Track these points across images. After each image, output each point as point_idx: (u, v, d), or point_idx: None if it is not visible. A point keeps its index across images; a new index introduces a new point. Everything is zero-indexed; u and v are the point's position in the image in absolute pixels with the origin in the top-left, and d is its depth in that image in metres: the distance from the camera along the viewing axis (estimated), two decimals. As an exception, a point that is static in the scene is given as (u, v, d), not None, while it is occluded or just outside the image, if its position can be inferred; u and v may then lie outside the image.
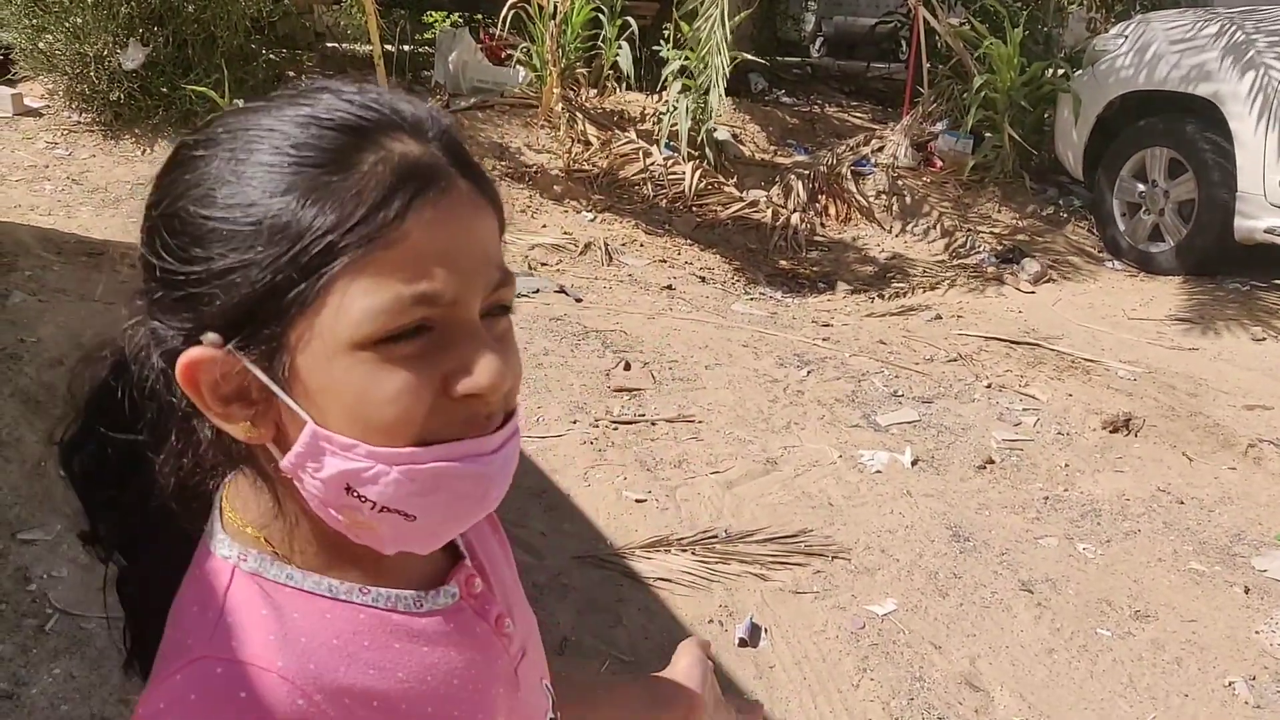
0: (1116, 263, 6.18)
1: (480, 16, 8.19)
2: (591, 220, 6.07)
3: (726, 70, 6.30)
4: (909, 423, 4.04)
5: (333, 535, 0.73)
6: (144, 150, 6.35)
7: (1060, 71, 7.04)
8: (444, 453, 0.69)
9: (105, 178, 6.01)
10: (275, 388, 0.68)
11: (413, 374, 0.67)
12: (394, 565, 0.76)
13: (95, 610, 2.54)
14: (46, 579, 2.64)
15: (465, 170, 0.71)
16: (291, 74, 7.10)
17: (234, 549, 0.73)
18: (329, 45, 7.88)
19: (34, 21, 6.31)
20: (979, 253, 6.26)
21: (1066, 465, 3.82)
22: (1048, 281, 5.88)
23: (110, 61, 6.29)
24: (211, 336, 0.67)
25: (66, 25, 6.27)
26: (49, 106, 6.59)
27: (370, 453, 0.68)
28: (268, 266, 0.65)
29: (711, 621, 2.84)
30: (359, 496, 0.69)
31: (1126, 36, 6.33)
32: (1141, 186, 6.15)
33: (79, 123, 6.49)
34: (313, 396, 0.68)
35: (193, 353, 0.67)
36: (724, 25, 6.25)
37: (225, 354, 0.68)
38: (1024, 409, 4.24)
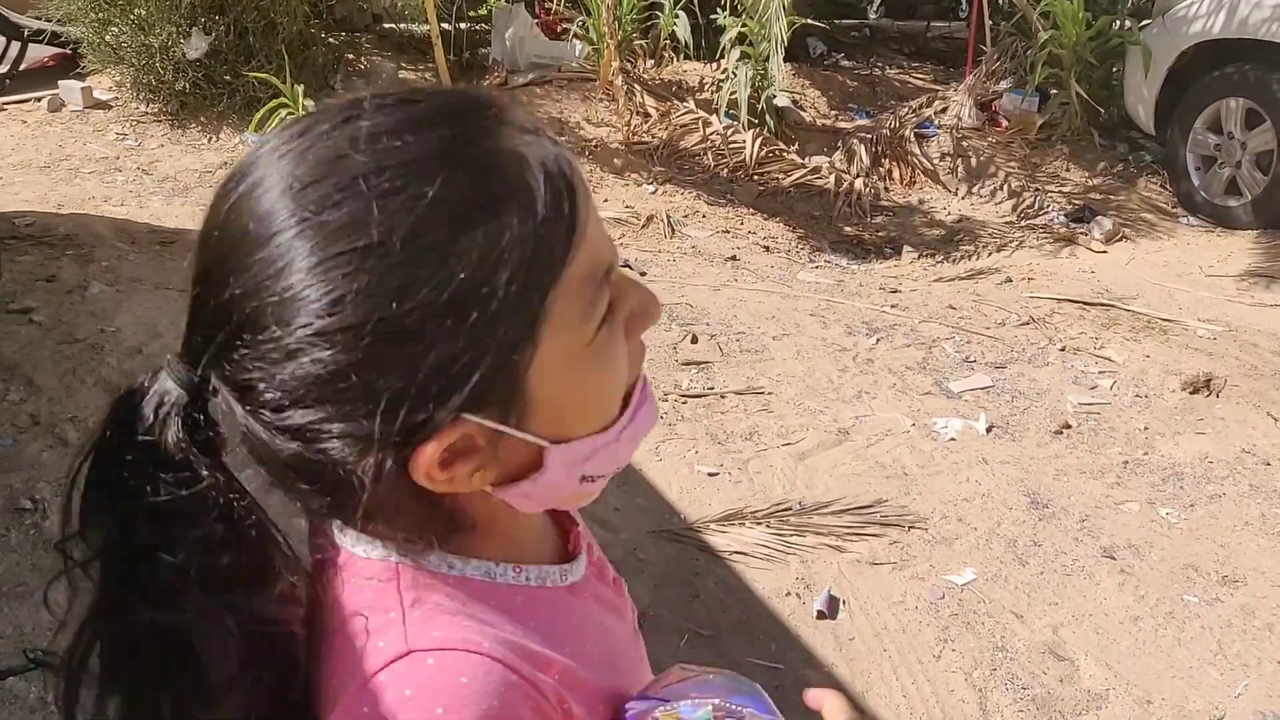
0: (1192, 219, 6.02)
1: (536, -9, 8.16)
2: (653, 193, 6.04)
3: (786, 37, 6.22)
4: (982, 389, 3.99)
5: (482, 524, 0.73)
6: (210, 139, 6.44)
7: (1128, 24, 6.85)
8: (637, 400, 0.75)
9: (174, 167, 6.10)
10: (517, 433, 0.68)
11: (616, 336, 0.72)
12: (534, 546, 0.79)
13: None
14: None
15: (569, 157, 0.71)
16: (350, 56, 7.13)
17: (389, 549, 0.71)
18: (386, 26, 7.90)
19: (100, 15, 6.41)
20: (1048, 213, 6.13)
21: (1146, 428, 3.75)
22: (1120, 240, 5.75)
23: (174, 51, 6.37)
24: (449, 418, 0.64)
25: (131, 17, 6.36)
26: (117, 98, 6.70)
27: (604, 436, 0.72)
28: (496, 344, 0.64)
29: (789, 594, 2.84)
30: (593, 479, 0.74)
31: (1198, -15, 6.14)
32: (1216, 139, 5.98)
33: (146, 113, 6.59)
34: (551, 413, 0.69)
35: (433, 446, 0.65)
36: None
37: (473, 424, 0.66)
38: (1100, 372, 4.16)
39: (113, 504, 0.66)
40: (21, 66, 7.28)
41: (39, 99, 6.73)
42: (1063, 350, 4.34)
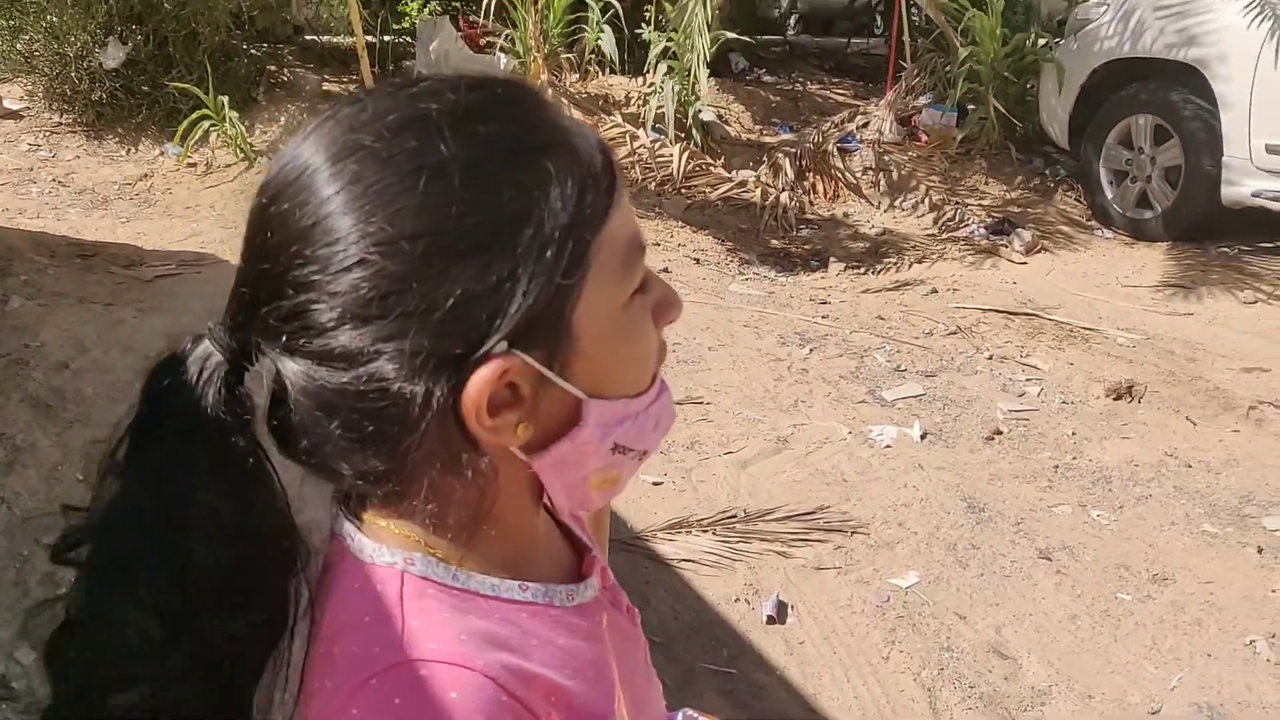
0: (1106, 231, 6.22)
1: (458, 4, 8.14)
2: (583, 205, 6.06)
3: (708, 52, 6.30)
4: (914, 397, 4.07)
5: (495, 536, 0.74)
6: (128, 150, 6.31)
7: (1042, 42, 7.06)
8: (660, 386, 0.78)
9: (91, 178, 5.97)
10: (560, 380, 0.69)
11: (646, 315, 0.75)
12: (543, 564, 0.79)
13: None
14: (71, 583, 2.63)
15: None
16: (273, 68, 7.05)
17: (397, 555, 0.71)
18: (309, 38, 7.82)
19: (10, 22, 6.26)
20: (969, 225, 6.28)
21: (1074, 433, 3.86)
22: (1040, 252, 5.91)
23: (90, 61, 6.25)
24: (502, 347, 0.66)
25: (44, 25, 6.22)
26: (29, 109, 6.54)
27: (636, 403, 0.74)
28: (546, 269, 0.66)
29: (738, 600, 2.87)
30: (624, 450, 0.74)
31: (1109, 5, 6.35)
32: (1128, 154, 6.18)
33: (61, 124, 6.44)
34: (591, 370, 0.70)
35: (486, 370, 0.65)
36: (705, 7, 6.24)
37: (520, 362, 0.67)
38: (1027, 379, 4.28)
39: (152, 470, 0.67)
40: (-73, 76, 7.06)
41: (-55, 110, 6.54)
42: (990, 359, 4.45)
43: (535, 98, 0.71)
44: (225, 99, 5.92)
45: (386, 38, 7.69)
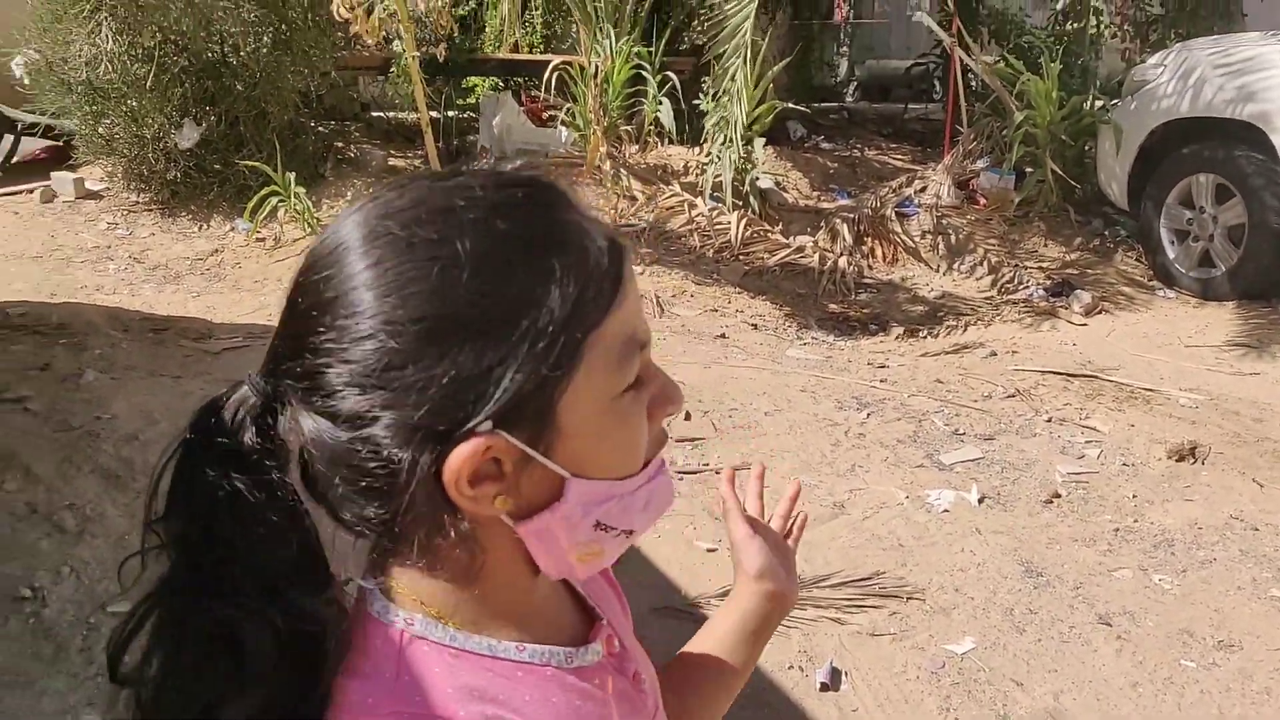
0: (1168, 291, 6.15)
1: (522, 80, 8.35)
2: (640, 273, 6.13)
3: (746, 119, 6.39)
4: (972, 460, 4.05)
5: (494, 599, 0.78)
6: (200, 226, 6.53)
7: (1099, 103, 7.06)
8: (655, 469, 0.80)
9: (165, 254, 6.18)
10: (542, 458, 0.73)
11: (640, 408, 0.77)
12: (544, 627, 0.82)
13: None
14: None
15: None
16: (340, 144, 7.26)
17: (400, 614, 0.77)
18: (375, 115, 8.06)
19: (93, 107, 6.52)
20: (1027, 287, 6.26)
21: (1134, 496, 3.80)
22: (1100, 313, 5.87)
23: (166, 142, 6.49)
24: (486, 426, 0.70)
25: (124, 109, 6.48)
26: (109, 188, 6.80)
27: (622, 485, 0.77)
28: (535, 359, 0.71)
29: (791, 667, 2.86)
30: (606, 528, 0.78)
31: (1166, 65, 6.34)
32: (1189, 213, 6.13)
33: (138, 202, 6.68)
34: (574, 451, 0.74)
35: (468, 446, 0.70)
36: (747, 75, 6.35)
37: (503, 441, 0.71)
38: (1086, 441, 4.23)
39: (193, 497, 0.73)
40: (14, 159, 7.39)
41: (31, 190, 6.83)
42: (1049, 421, 4.41)
43: (557, 197, 0.76)
44: (292, 175, 6.12)
45: (451, 113, 7.90)
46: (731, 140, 6.52)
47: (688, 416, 4.25)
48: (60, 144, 7.15)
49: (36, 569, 3.03)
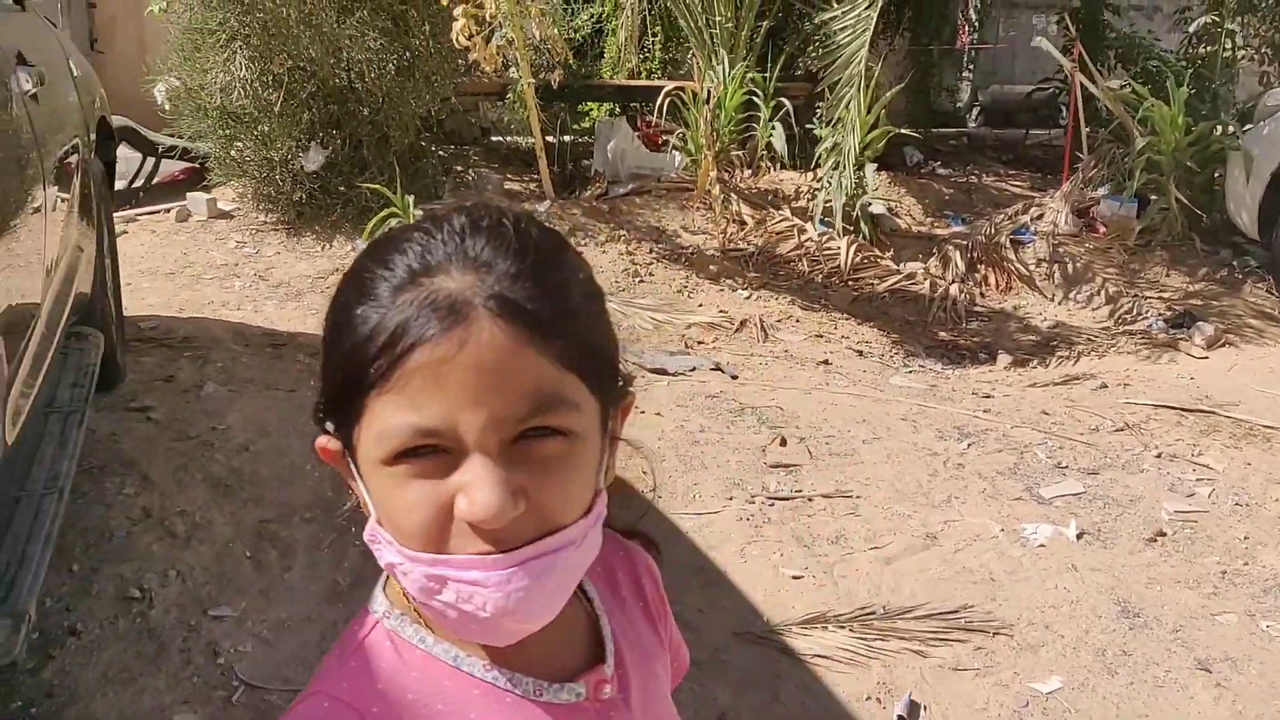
0: (1299, 324, 5.91)
1: (637, 105, 8.46)
2: (747, 298, 6.15)
3: (860, 144, 6.35)
4: (1074, 495, 3.95)
5: None
6: (323, 246, 6.76)
7: (1229, 129, 6.82)
8: (445, 563, 0.73)
9: (288, 273, 6.41)
10: (352, 476, 0.79)
11: (427, 489, 0.72)
12: (527, 654, 0.80)
13: (277, 683, 2.71)
14: (233, 653, 2.82)
15: (509, 311, 0.72)
16: (459, 168, 7.45)
17: (383, 606, 0.82)
18: (495, 139, 8.25)
19: (227, 132, 6.83)
20: (1147, 318, 6.08)
21: (1246, 538, 3.66)
22: (1223, 346, 5.66)
23: (293, 165, 6.74)
24: (330, 425, 0.79)
25: (255, 133, 6.76)
26: (239, 209, 7.10)
27: (400, 550, 0.75)
28: (340, 367, 0.76)
29: (869, 699, 2.83)
30: (404, 575, 0.76)
31: (1299, 90, 6.11)
32: (1324, 244, 5.89)
33: (265, 223, 6.95)
34: (368, 482, 0.78)
35: (323, 435, 0.80)
36: (861, 97, 6.32)
37: (331, 436, 0.79)
38: (1198, 479, 4.09)
39: None
40: (155, 180, 7.77)
41: (168, 210, 7.16)
42: (1158, 457, 4.27)
43: (439, 265, 0.76)
44: (411, 198, 6.29)
45: (567, 138, 8.04)
46: (843, 165, 6.49)
47: (783, 443, 4.25)
48: (197, 166, 7.49)
49: (146, 571, 3.19)
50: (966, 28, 10.30)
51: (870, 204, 6.81)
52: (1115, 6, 9.76)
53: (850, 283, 6.44)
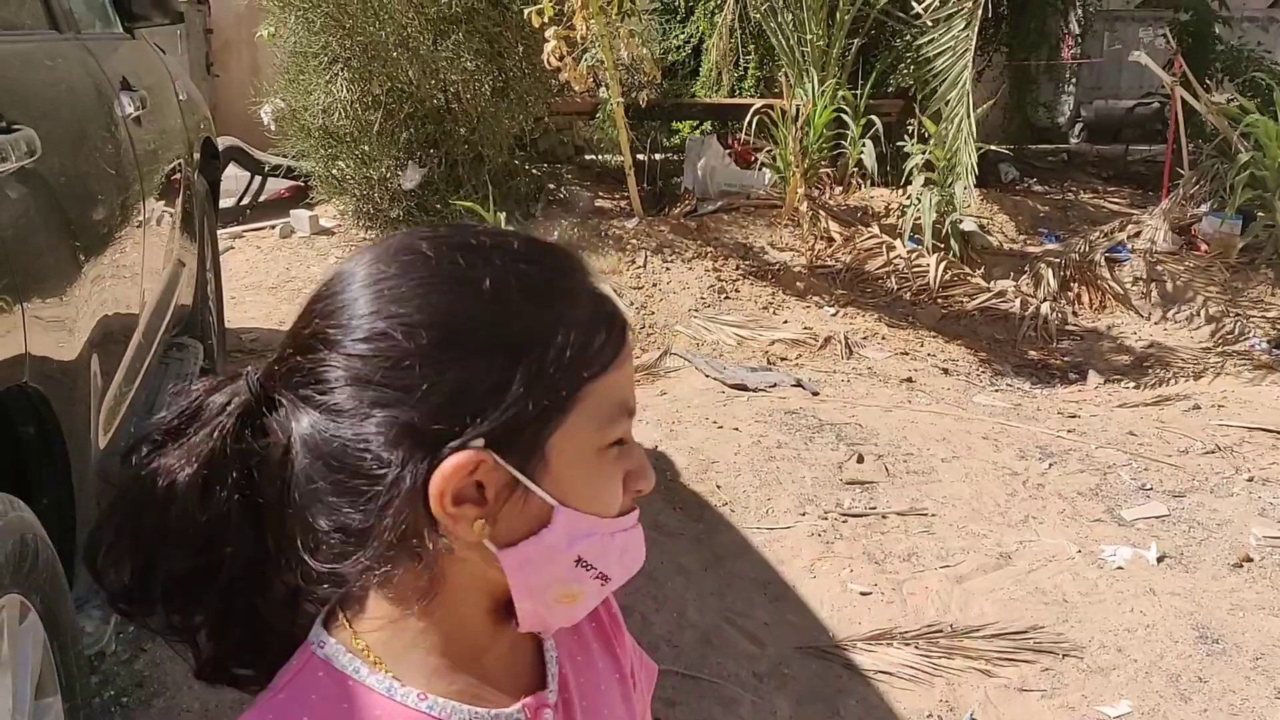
0: None
1: (730, 123, 8.50)
2: (833, 315, 6.14)
3: (975, 166, 6.28)
4: (1157, 517, 3.87)
5: (434, 634, 0.80)
6: (419, 262, 6.93)
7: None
8: (631, 521, 0.82)
9: (385, 288, 6.60)
10: (534, 487, 0.76)
11: (618, 471, 0.80)
12: (466, 677, 0.81)
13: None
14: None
15: None
16: (551, 186, 7.57)
17: (317, 637, 0.80)
18: (588, 157, 8.37)
19: (329, 151, 7.05)
20: (1250, 339, 5.91)
21: (1337, 565, 3.55)
22: (1327, 368, 5.48)
23: (391, 183, 6.93)
24: (479, 443, 0.73)
25: (356, 153, 6.97)
26: (340, 225, 7.33)
27: (604, 522, 0.80)
28: (539, 389, 0.75)
29: (930, 716, 2.82)
30: (587, 565, 0.79)
31: None
32: None
33: (365, 239, 7.16)
34: (557, 488, 0.77)
35: (460, 458, 0.73)
36: (970, 120, 6.26)
37: (493, 462, 0.74)
38: (1290, 504, 3.97)
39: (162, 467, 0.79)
40: (261, 198, 8.06)
41: (273, 226, 7.43)
42: (1250, 480, 4.16)
43: (577, 263, 0.82)
44: (504, 215, 6.43)
45: (658, 156, 8.12)
46: (933, 183, 6.45)
47: (860, 460, 4.24)
48: (301, 184, 7.75)
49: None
50: (1070, 41, 10.11)
51: (961, 221, 6.75)
52: (1225, 19, 9.51)
53: (939, 300, 6.39)
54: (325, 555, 0.76)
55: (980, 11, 6.30)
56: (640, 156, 7.62)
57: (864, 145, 7.18)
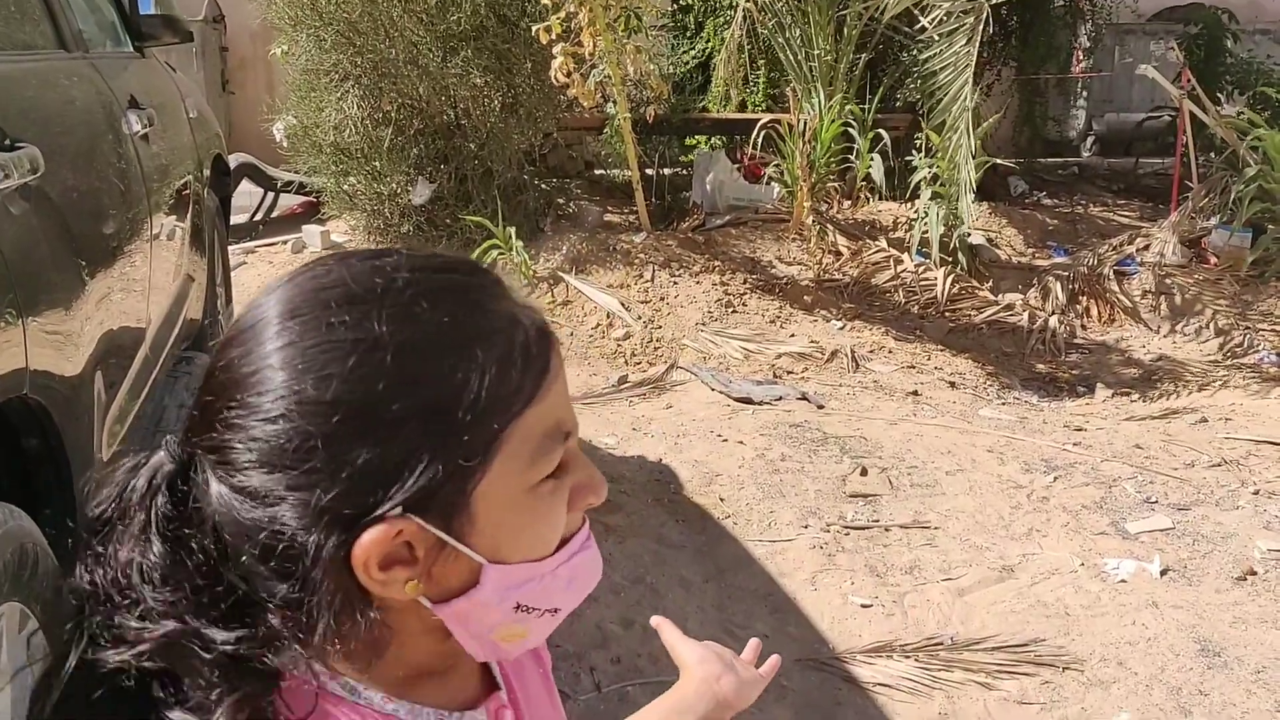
0: None
1: (739, 137, 8.54)
2: (840, 328, 6.15)
3: (973, 180, 6.30)
4: (1161, 530, 3.86)
5: (392, 659, 0.79)
6: (429, 276, 6.97)
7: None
8: (578, 545, 0.81)
9: (395, 302, 6.64)
10: (456, 543, 0.74)
11: (560, 497, 0.79)
12: (428, 685, 0.82)
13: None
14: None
15: None
16: (560, 201, 7.62)
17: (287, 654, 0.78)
18: (597, 172, 8.41)
19: (340, 167, 7.12)
20: (1259, 351, 5.89)
21: (1341, 578, 3.54)
22: (1336, 381, 5.46)
23: (402, 198, 6.99)
24: (396, 511, 0.71)
25: (367, 169, 7.04)
26: (351, 240, 7.38)
27: (540, 566, 0.78)
28: (450, 450, 0.72)
29: (929, 728, 2.83)
30: (527, 610, 0.79)
31: None
32: None
33: (375, 254, 7.21)
34: (489, 538, 0.75)
35: (377, 530, 0.71)
36: (970, 135, 6.27)
37: (415, 526, 0.72)
38: (1296, 517, 3.97)
39: (110, 557, 0.76)
40: (274, 214, 8.13)
41: (285, 242, 7.50)
42: (1256, 494, 4.15)
43: (488, 283, 0.79)
44: (513, 230, 6.47)
45: (667, 170, 8.15)
46: (940, 196, 6.46)
47: (864, 472, 4.25)
48: (313, 200, 7.82)
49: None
50: (1081, 55, 10.12)
51: (969, 234, 6.76)
52: (1235, 32, 9.51)
53: (946, 314, 6.40)
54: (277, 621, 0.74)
55: (982, 28, 6.30)
56: (649, 171, 7.65)
57: (871, 159, 7.20)
